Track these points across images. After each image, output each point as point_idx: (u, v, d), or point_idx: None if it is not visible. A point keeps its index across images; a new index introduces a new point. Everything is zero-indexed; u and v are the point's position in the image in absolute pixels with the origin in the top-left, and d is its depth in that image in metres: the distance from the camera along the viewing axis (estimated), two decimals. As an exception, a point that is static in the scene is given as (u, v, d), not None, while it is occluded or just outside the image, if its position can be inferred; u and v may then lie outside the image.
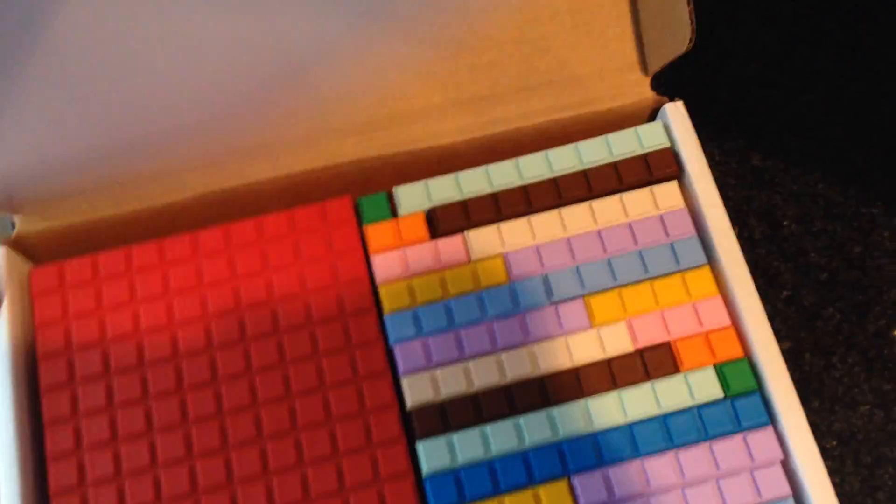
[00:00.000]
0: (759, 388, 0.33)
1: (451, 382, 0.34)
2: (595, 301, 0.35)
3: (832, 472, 0.41)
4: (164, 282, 0.36)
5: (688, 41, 0.37)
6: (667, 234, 0.36)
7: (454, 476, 0.32)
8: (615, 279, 0.35)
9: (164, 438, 0.33)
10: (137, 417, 0.34)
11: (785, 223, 0.45)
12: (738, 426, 0.33)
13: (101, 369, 0.34)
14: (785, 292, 0.44)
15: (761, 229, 0.45)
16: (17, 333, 0.35)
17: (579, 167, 0.37)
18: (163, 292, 0.36)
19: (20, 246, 0.37)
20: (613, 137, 0.37)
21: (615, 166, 0.37)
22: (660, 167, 0.37)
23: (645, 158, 0.37)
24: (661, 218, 0.36)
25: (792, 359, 0.43)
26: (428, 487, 0.32)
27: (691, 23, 0.36)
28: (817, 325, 0.43)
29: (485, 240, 0.36)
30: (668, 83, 0.40)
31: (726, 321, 0.34)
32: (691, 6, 0.37)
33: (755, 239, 0.45)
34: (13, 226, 0.37)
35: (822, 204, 0.45)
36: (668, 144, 0.37)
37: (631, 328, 0.34)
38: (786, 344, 0.44)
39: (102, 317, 0.35)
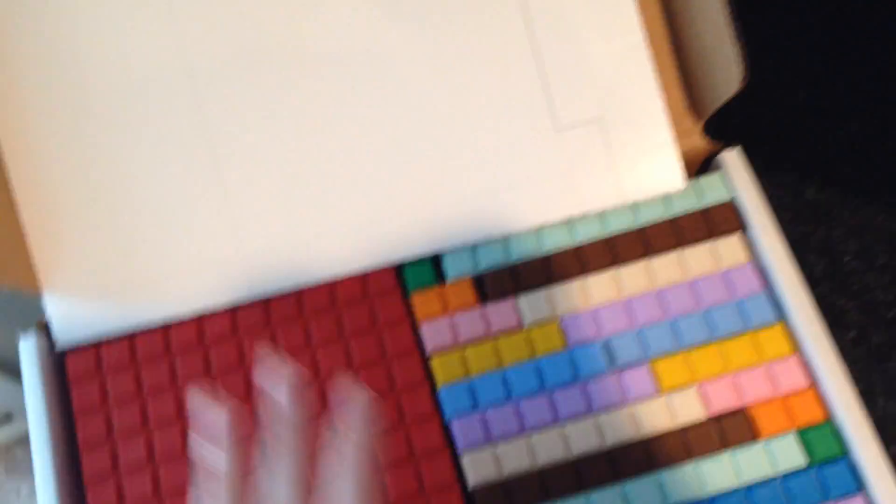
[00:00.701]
0: (845, 454, 0.31)
1: (513, 458, 0.32)
2: (661, 365, 0.33)
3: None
4: (204, 363, 0.34)
5: (740, 81, 0.35)
6: (732, 292, 0.34)
7: (523, 562, 0.30)
8: (680, 342, 0.33)
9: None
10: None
11: (846, 259, 0.43)
12: (825, 496, 0.30)
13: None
14: (851, 333, 0.42)
15: (821, 266, 0.43)
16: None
17: (635, 225, 0.35)
18: (204, 373, 0.34)
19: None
20: (671, 194, 0.35)
21: (673, 223, 0.35)
22: (721, 222, 0.34)
23: (704, 213, 0.35)
24: (725, 274, 0.34)
25: (865, 404, 0.41)
26: (496, 576, 0.30)
27: (742, 61, 0.34)
28: (889, 366, 0.41)
29: (537, 304, 0.34)
30: (712, 118, 0.38)
31: (804, 382, 0.32)
32: (742, 42, 0.35)
33: (815, 277, 0.43)
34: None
35: (885, 237, 0.43)
36: (728, 198, 0.35)
37: (702, 393, 0.32)
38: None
39: (143, 402, 0.34)
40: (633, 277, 0.34)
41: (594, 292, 0.34)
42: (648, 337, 0.33)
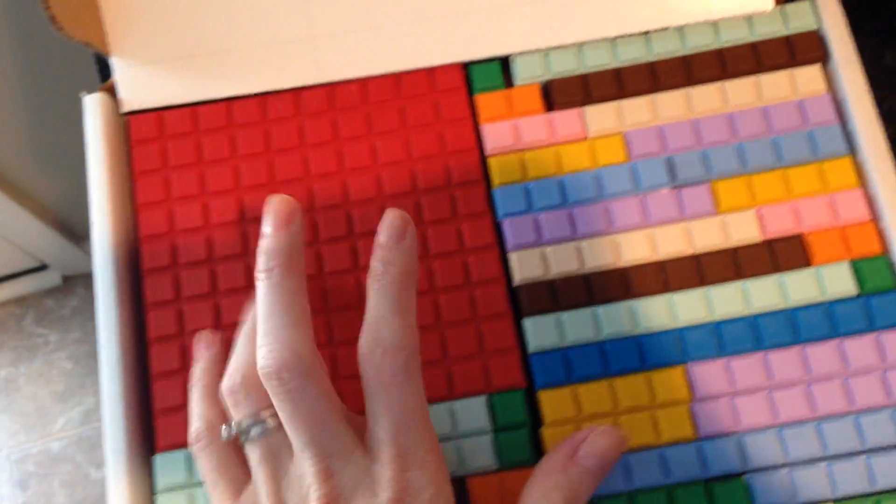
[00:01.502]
0: (896, 288, 0.31)
1: (561, 261, 0.32)
2: (722, 186, 0.32)
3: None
4: (265, 139, 0.34)
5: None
6: (805, 121, 0.33)
7: (562, 355, 0.31)
8: (745, 165, 0.33)
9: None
10: (238, 271, 0.33)
11: (914, 130, 0.42)
12: (871, 325, 0.31)
13: (202, 223, 0.33)
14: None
15: (890, 132, 0.42)
16: (115, 181, 0.34)
17: (715, 45, 0.34)
18: (264, 150, 0.34)
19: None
20: (756, 16, 0.34)
21: (754, 47, 0.34)
22: (804, 50, 0.34)
23: (788, 40, 0.34)
24: (801, 104, 0.33)
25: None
26: (534, 364, 0.31)
27: None
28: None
29: (604, 116, 0.34)
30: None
31: (865, 216, 0.32)
32: None
33: (879, 146, 0.42)
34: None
35: (958, 113, 0.42)
36: (815, 27, 0.34)
37: (760, 216, 0.32)
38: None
39: (202, 171, 0.34)
40: (706, 98, 0.33)
41: (663, 110, 0.33)
42: (713, 158, 0.33)
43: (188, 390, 0.30)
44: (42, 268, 1.09)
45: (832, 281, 0.31)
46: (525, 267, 0.32)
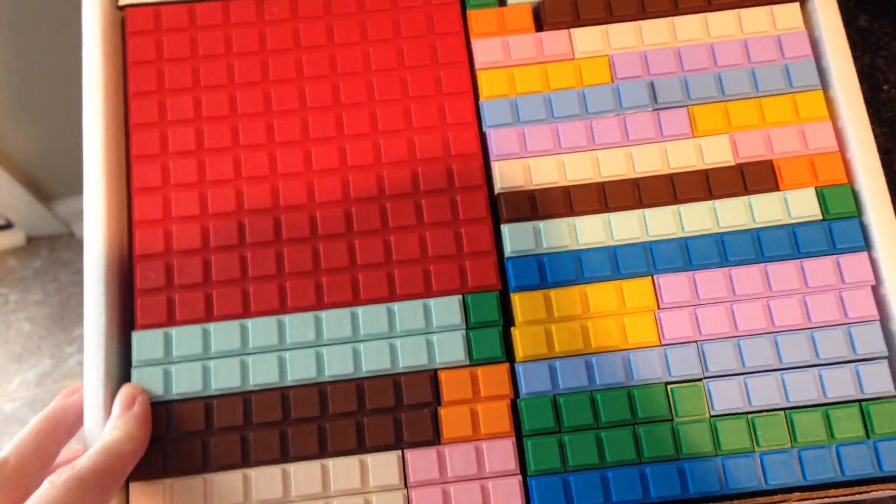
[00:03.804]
0: (858, 216, 0.33)
1: (543, 172, 0.33)
2: (699, 111, 0.34)
3: None
4: (260, 39, 0.35)
5: None
6: (782, 55, 0.34)
7: (537, 261, 0.32)
8: (723, 92, 0.34)
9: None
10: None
11: (885, 87, 0.43)
12: (832, 248, 0.32)
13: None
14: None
15: (861, 91, 0.43)
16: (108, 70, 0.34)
17: (700, -24, 0.35)
18: (259, 49, 0.35)
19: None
20: (740, -49, 0.35)
21: (738, -20, 0.35)
22: (785, -13, 0.35)
23: (770, -24, 0.35)
24: (779, 38, 0.35)
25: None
26: (510, 268, 0.32)
27: None
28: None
29: (591, 39, 0.35)
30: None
31: (833, 146, 0.33)
32: None
33: (850, 102, 0.43)
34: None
35: (926, 74, 0.43)
36: (795, -36, 0.35)
37: (733, 142, 0.33)
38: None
39: (196, 65, 0.34)
40: (689, 27, 0.35)
41: (648, 36, 0.35)
42: (692, 83, 0.34)
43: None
44: (7, 226, 1.07)
45: (798, 205, 0.33)
46: (507, 176, 0.33)
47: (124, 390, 0.31)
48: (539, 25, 0.35)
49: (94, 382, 0.31)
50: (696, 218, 0.33)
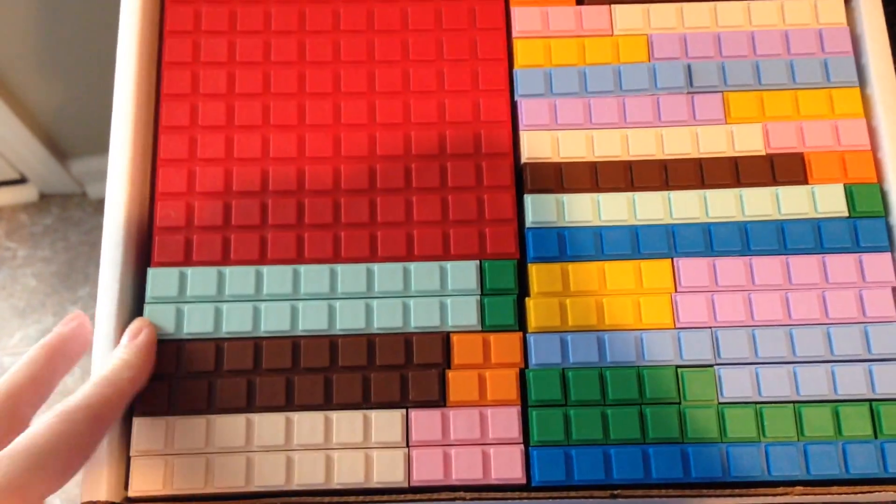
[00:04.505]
0: (885, 216, 0.32)
1: (571, 145, 0.33)
2: (734, 98, 0.33)
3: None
4: (300, 20, 0.34)
5: None
6: (822, 49, 0.34)
7: (557, 234, 0.32)
8: (759, 81, 0.34)
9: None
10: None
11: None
12: (855, 245, 0.32)
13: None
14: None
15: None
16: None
17: (747, -36, 0.35)
18: (298, 27, 0.34)
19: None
20: (789, -59, 0.35)
21: (784, -29, 0.35)
22: (830, -20, 0.35)
23: (817, -31, 0.35)
24: (820, 32, 0.34)
25: None
26: (529, 238, 0.32)
27: None
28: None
29: (632, 16, 0.34)
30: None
31: (866, 144, 0.33)
32: None
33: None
34: None
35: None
36: (842, -39, 0.35)
37: (766, 131, 0.33)
38: None
39: (234, 40, 0.34)
40: (731, 13, 0.34)
41: (689, 19, 0.34)
42: (729, 69, 0.34)
43: None
44: (21, 181, 1.07)
45: (825, 200, 0.32)
46: (534, 147, 0.33)
47: (134, 323, 0.30)
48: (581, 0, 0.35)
49: (105, 314, 0.31)
50: (722, 204, 0.32)
